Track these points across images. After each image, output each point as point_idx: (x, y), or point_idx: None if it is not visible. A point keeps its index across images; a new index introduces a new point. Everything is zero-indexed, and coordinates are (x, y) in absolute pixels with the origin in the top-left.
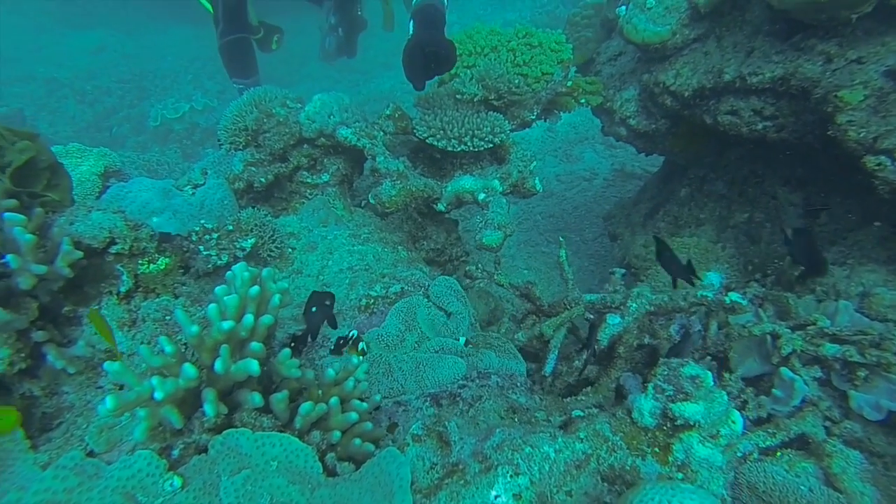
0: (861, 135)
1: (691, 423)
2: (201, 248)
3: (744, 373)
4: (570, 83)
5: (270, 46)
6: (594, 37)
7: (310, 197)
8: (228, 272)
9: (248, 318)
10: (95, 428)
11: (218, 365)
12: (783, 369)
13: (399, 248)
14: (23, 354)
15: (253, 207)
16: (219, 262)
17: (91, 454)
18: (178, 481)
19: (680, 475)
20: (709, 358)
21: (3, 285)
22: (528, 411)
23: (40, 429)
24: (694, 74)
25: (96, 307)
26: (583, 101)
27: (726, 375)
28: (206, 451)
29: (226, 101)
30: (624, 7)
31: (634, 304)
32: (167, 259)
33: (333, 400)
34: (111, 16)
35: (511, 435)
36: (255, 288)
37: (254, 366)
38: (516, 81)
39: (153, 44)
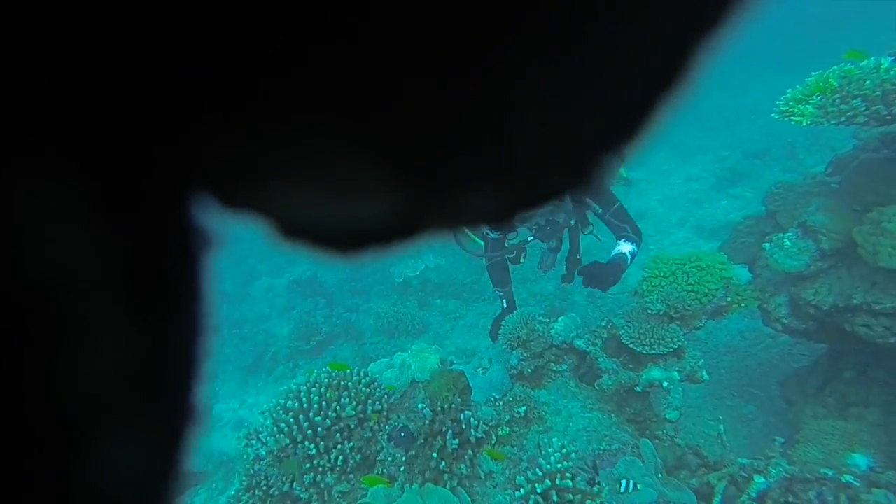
0: None
1: None
2: (492, 409)
3: None
4: (729, 299)
5: (520, 261)
6: (755, 242)
7: (554, 378)
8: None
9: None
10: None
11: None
12: None
13: (612, 414)
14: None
15: (521, 386)
16: (506, 417)
17: None
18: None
19: None
20: None
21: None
22: None
23: None
24: (829, 294)
25: None
26: (743, 305)
27: None
28: None
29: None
30: (768, 244)
31: (774, 471)
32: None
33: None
34: None
35: None
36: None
37: (569, 482)
38: (688, 302)
39: None
